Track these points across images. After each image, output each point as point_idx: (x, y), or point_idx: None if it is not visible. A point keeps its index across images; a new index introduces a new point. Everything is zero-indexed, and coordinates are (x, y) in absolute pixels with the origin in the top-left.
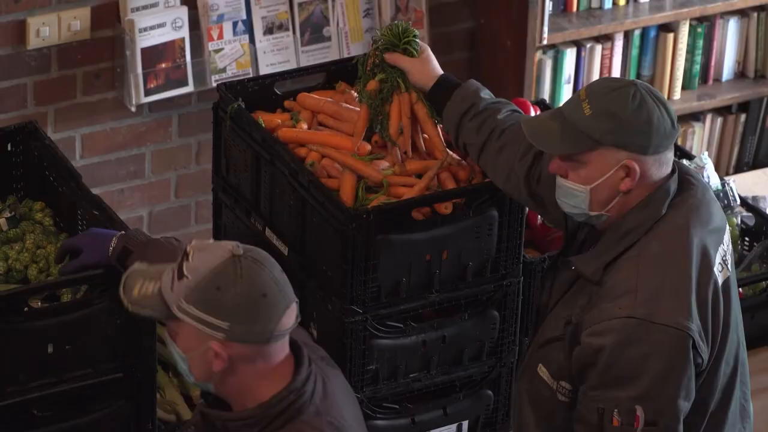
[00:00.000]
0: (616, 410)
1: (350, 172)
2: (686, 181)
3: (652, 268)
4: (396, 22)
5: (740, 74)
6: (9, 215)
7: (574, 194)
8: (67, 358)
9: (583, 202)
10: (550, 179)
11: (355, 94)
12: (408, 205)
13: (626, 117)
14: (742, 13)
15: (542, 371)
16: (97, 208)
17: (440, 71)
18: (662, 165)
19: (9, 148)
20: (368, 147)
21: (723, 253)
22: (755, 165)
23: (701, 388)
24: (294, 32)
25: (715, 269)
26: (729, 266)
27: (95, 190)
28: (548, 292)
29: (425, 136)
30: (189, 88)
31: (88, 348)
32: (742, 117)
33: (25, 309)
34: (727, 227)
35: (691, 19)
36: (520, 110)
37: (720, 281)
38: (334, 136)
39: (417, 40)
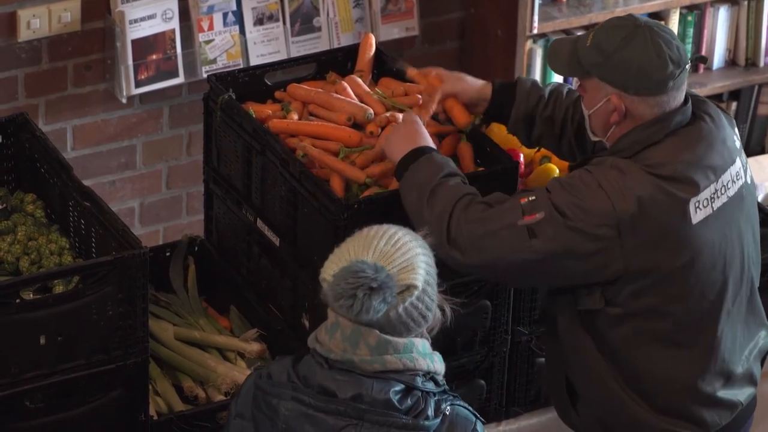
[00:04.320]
0: (534, 196)
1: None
2: (698, 116)
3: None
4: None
5: (731, 62)
6: (0, 207)
7: (585, 116)
8: (60, 349)
9: (588, 125)
10: None
11: (346, 85)
12: (399, 195)
13: (611, 54)
14: (732, 1)
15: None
16: (88, 200)
17: (481, 81)
18: (652, 107)
19: (0, 140)
20: (359, 136)
21: (715, 189)
22: (747, 153)
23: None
24: (284, 23)
25: (692, 202)
26: (729, 192)
27: (86, 182)
28: None
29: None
30: (180, 80)
31: (80, 339)
32: (733, 105)
33: (17, 301)
34: (737, 163)
35: (681, 8)
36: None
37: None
38: (324, 126)
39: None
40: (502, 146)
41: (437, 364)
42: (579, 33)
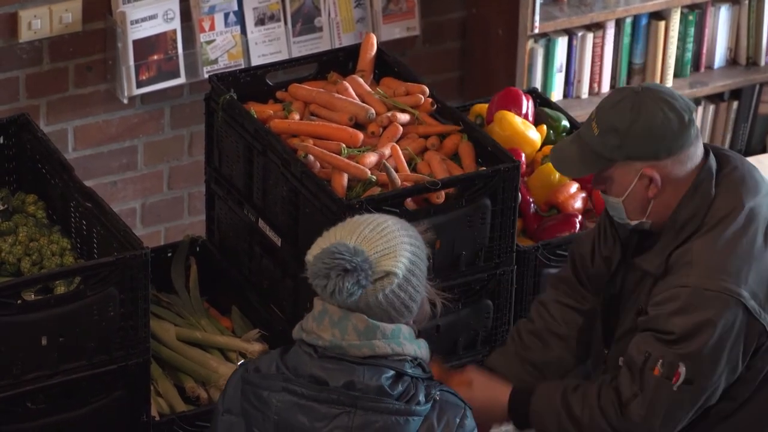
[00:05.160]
0: (660, 360)
1: (337, 170)
2: (722, 156)
3: (710, 243)
4: None
5: (732, 61)
6: (2, 208)
7: (614, 207)
8: (61, 350)
9: (623, 212)
10: None
11: (348, 85)
12: (401, 194)
13: (627, 130)
14: (733, 0)
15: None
16: (89, 201)
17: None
18: (684, 162)
19: (1, 141)
20: (360, 137)
21: None
22: (748, 152)
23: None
24: (285, 23)
25: None
26: None
27: (88, 183)
28: (616, 296)
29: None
30: (181, 80)
31: (82, 340)
32: (735, 104)
33: (19, 302)
34: None
35: (682, 7)
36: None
37: None
38: (326, 126)
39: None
40: (504, 145)
41: (423, 350)
42: (580, 33)
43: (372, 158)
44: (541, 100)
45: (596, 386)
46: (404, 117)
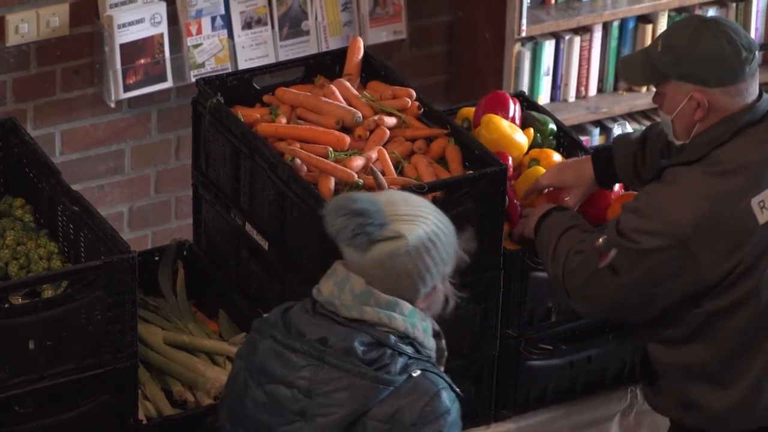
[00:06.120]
0: (604, 236)
1: (324, 174)
2: None
3: (696, 176)
4: None
5: None
6: None
7: (665, 123)
8: (49, 354)
9: (671, 129)
10: None
11: (335, 88)
12: None
13: (684, 51)
14: (720, 3)
15: None
16: (76, 204)
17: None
18: (733, 96)
19: None
20: (347, 140)
21: None
22: None
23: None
24: (272, 27)
25: (754, 201)
26: None
27: (75, 186)
28: None
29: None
30: (168, 84)
31: (70, 344)
32: None
33: (6, 305)
34: None
35: (669, 10)
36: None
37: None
38: (313, 130)
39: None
40: (491, 149)
41: (419, 333)
42: (567, 36)
43: (359, 162)
44: (528, 103)
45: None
46: (391, 120)
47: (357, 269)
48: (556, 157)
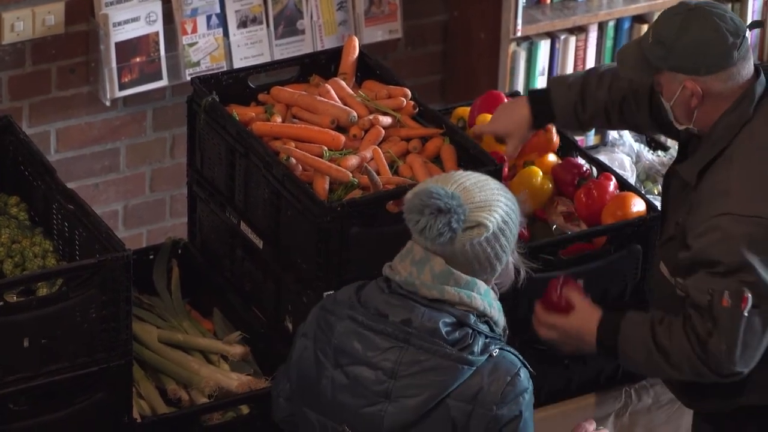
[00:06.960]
0: (726, 292)
1: (319, 173)
2: None
3: (745, 168)
4: None
5: None
6: None
7: (666, 109)
8: (43, 352)
9: (671, 115)
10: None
11: (330, 88)
12: (383, 197)
13: (672, 44)
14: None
15: (663, 268)
16: (71, 203)
17: (507, 103)
18: (725, 81)
19: None
20: (342, 139)
21: None
22: None
23: None
24: (268, 25)
25: None
26: None
27: (70, 185)
28: (665, 197)
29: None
30: (163, 82)
31: (64, 342)
32: None
33: (1, 303)
34: None
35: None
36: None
37: None
38: (308, 129)
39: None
40: (486, 149)
41: (495, 311)
42: (563, 36)
43: (354, 161)
44: None
45: (681, 320)
46: (386, 120)
47: (435, 251)
48: (551, 156)
